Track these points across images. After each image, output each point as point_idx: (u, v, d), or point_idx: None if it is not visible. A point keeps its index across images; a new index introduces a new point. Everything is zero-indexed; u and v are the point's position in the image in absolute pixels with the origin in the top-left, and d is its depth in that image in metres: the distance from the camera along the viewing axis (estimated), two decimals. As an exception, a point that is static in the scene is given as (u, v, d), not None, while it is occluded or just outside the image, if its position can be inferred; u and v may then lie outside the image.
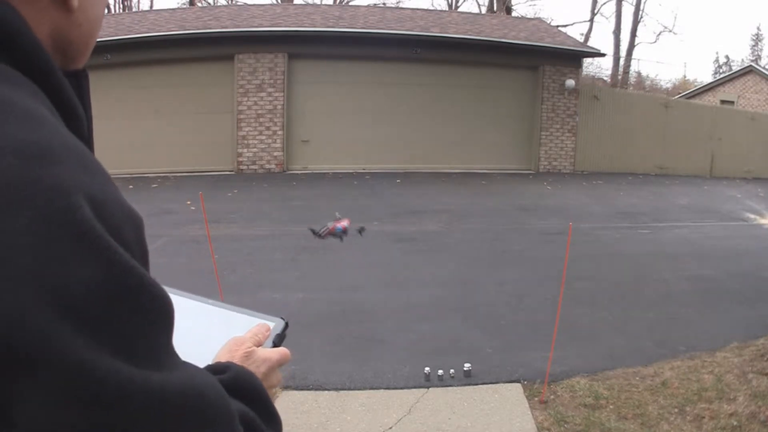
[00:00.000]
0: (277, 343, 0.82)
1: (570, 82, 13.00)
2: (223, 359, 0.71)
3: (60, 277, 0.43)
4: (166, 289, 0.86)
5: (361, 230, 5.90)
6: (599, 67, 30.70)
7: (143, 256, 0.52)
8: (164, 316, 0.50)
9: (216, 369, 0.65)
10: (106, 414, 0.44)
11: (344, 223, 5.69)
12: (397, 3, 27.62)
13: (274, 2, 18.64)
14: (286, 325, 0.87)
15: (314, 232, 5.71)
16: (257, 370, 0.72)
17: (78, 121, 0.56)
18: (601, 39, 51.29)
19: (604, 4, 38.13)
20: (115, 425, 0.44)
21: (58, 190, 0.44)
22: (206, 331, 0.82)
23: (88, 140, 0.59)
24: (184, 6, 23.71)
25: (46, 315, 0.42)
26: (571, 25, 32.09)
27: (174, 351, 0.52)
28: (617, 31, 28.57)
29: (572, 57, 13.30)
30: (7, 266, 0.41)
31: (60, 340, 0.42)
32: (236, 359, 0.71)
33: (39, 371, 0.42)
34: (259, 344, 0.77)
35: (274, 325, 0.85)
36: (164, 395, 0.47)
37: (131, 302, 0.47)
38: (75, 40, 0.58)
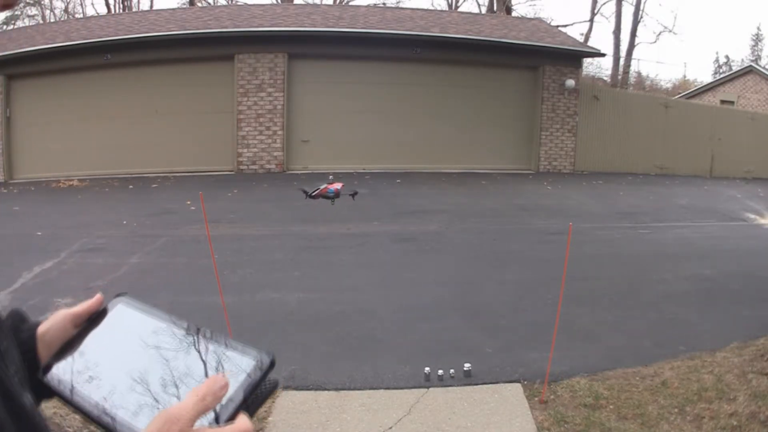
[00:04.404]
0: (248, 394, 0.60)
1: (570, 82, 13.00)
2: None
3: None
4: (136, 303, 0.69)
5: (354, 194, 5.90)
6: (599, 67, 30.65)
7: None
8: None
9: None
10: None
11: (337, 186, 5.70)
12: (397, 3, 27.62)
13: (274, 2, 18.64)
14: (271, 366, 0.61)
15: (306, 193, 5.74)
16: None
17: None
18: (601, 39, 51.18)
19: (604, 4, 38.03)
20: None
21: None
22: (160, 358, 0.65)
23: None
24: (184, 6, 23.70)
25: None
26: (571, 25, 32.01)
27: None
28: (617, 31, 28.57)
29: (572, 57, 13.30)
30: None
31: None
32: None
33: None
34: (206, 410, 0.58)
35: (252, 366, 0.60)
36: None
37: None
38: None
